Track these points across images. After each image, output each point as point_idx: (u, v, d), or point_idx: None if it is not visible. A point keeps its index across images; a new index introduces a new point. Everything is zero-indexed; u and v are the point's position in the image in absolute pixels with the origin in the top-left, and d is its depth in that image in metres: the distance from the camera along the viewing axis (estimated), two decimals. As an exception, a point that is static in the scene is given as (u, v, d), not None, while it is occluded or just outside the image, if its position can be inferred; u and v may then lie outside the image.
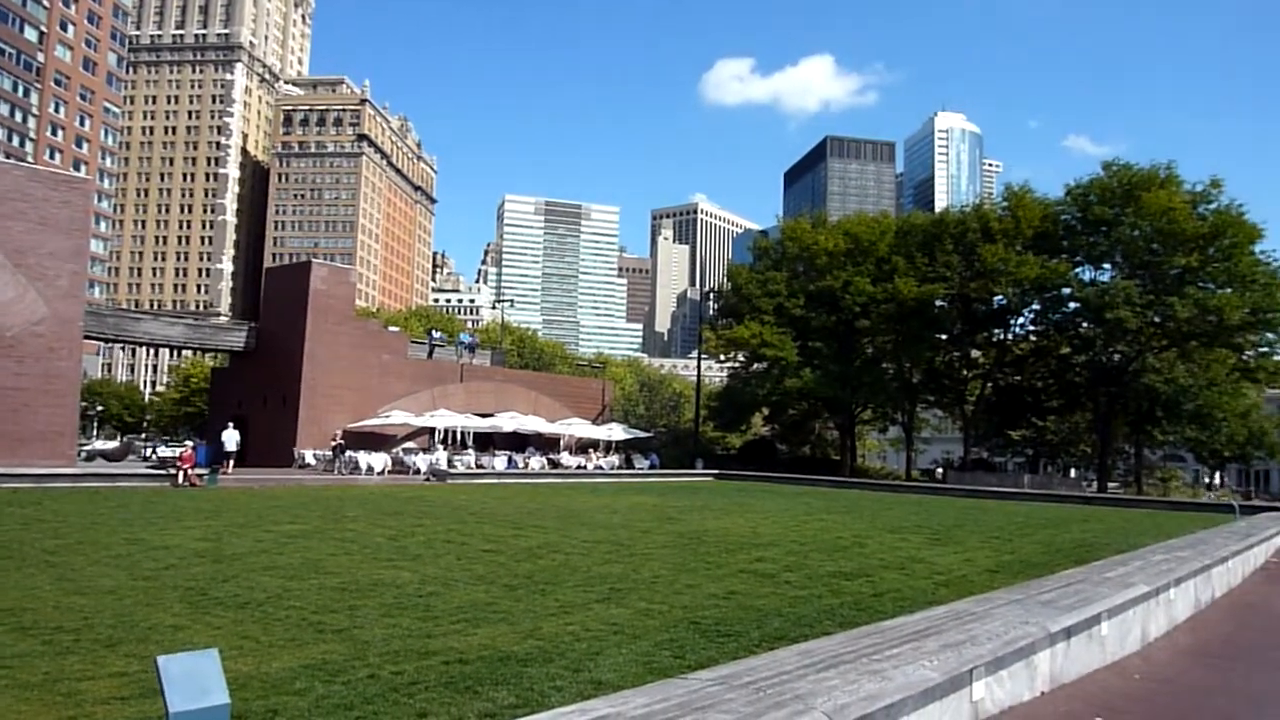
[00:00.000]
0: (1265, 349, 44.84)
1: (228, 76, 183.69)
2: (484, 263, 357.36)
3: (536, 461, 43.12)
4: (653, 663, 6.80)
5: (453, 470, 36.88)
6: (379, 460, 35.62)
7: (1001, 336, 51.19)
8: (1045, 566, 11.87)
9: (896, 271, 46.76)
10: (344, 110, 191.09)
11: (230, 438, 33.97)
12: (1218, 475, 62.53)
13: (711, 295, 61.18)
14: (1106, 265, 46.04)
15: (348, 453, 35.96)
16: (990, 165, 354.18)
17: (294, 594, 9.38)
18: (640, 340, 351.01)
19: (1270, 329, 42.85)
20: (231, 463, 32.83)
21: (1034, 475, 50.27)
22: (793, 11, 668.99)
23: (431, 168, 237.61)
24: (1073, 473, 58.43)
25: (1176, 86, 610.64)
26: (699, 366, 56.59)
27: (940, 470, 56.11)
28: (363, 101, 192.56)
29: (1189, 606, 10.25)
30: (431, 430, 41.64)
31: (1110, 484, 48.23)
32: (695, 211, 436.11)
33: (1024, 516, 24.91)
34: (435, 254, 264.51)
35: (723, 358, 55.60)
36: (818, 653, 5.07)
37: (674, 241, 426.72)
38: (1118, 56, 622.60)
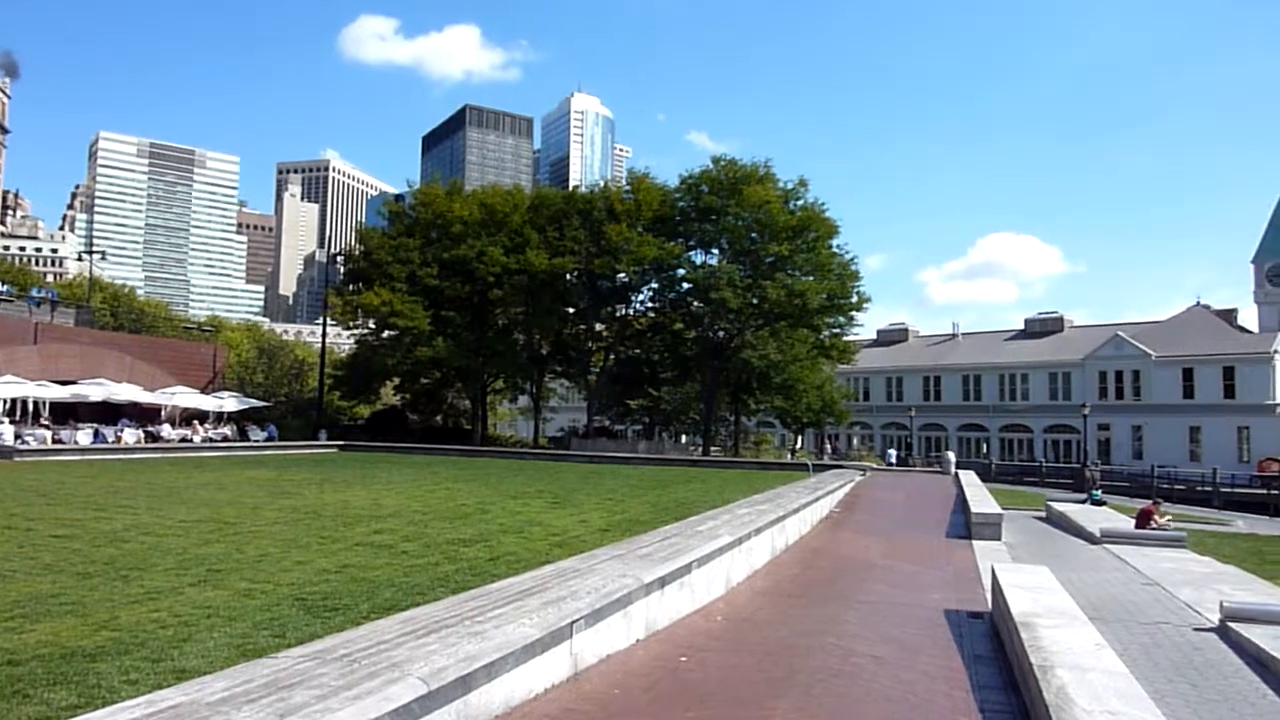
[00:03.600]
0: (837, 330, 52.09)
1: None
2: (71, 207, 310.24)
3: (131, 435, 38.52)
4: (248, 645, 6.34)
5: (22, 446, 31.84)
6: (-80, 436, 29.85)
7: (623, 312, 54.34)
8: (650, 524, 12.78)
9: (529, 244, 47.76)
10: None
11: None
12: (827, 441, 71.91)
13: (340, 258, 58.41)
14: (715, 250, 50.49)
15: (-125, 427, 29.70)
16: (621, 150, 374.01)
17: None
18: (262, 303, 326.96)
19: (842, 313, 49.80)
20: None
21: (649, 441, 54.26)
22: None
23: (2, 91, 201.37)
24: (683, 438, 63.84)
25: (780, 92, 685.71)
26: (324, 333, 53.81)
27: (615, 425, 59.83)
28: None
29: (767, 553, 11.55)
30: (-5, 400, 35.58)
31: (713, 448, 53.25)
32: (327, 169, 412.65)
33: (637, 479, 26.73)
34: (6, 193, 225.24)
35: (351, 325, 53.52)
36: (420, 619, 5.01)
37: (302, 199, 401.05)
38: (736, 62, 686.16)
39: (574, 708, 5.04)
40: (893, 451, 63.99)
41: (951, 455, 38.35)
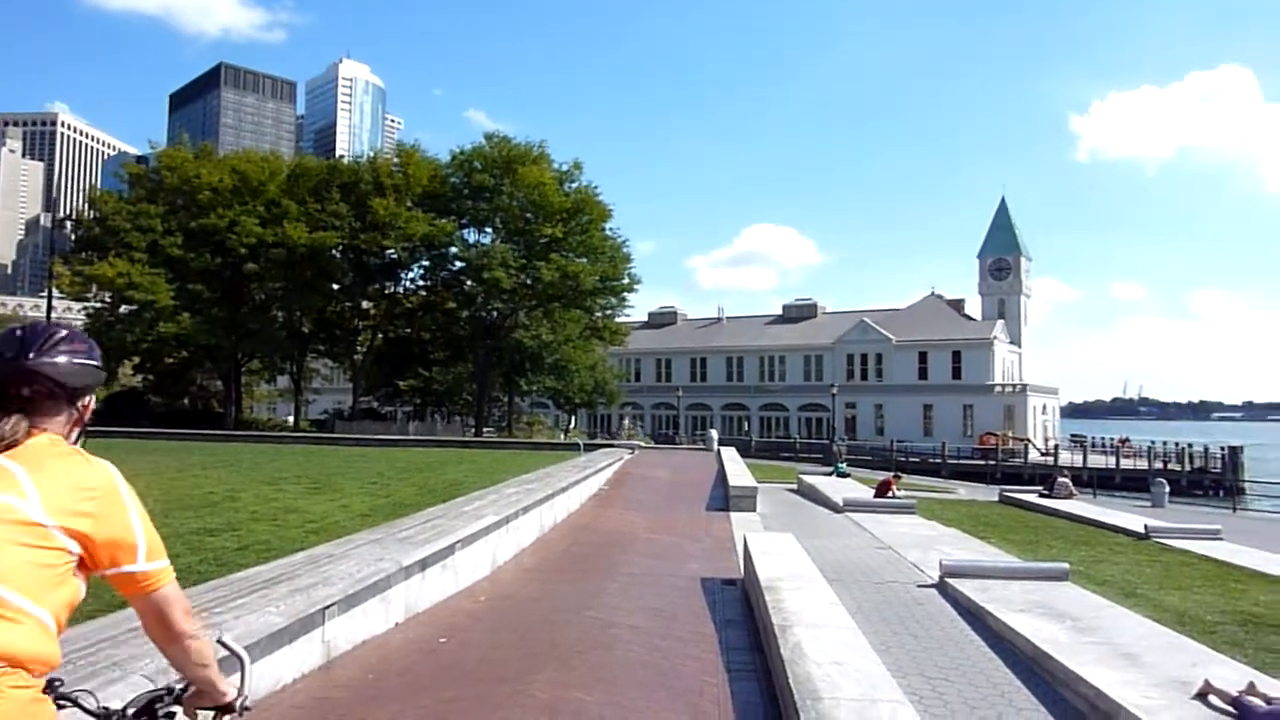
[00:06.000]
0: (609, 311, 53.07)
1: None
2: None
3: None
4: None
5: None
6: None
7: (392, 289, 52.64)
8: (415, 506, 12.46)
9: (288, 216, 45.10)
10: None
11: None
12: (622, 422, 73.06)
13: (70, 224, 52.70)
14: (488, 229, 49.91)
15: None
16: (393, 121, 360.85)
17: None
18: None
19: (614, 294, 50.76)
20: None
21: (420, 423, 53.02)
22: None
23: None
24: (456, 420, 62.87)
25: (559, 75, 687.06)
26: (49, 306, 48.20)
27: (384, 407, 58.10)
28: None
29: (535, 531, 11.62)
30: None
31: (487, 429, 52.85)
32: (55, 124, 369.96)
33: (405, 461, 26.00)
34: None
35: (83, 298, 48.43)
36: (149, 615, 4.64)
37: (25, 156, 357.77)
38: (516, 42, 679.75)
39: (325, 695, 4.86)
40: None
41: (714, 433, 40.23)
